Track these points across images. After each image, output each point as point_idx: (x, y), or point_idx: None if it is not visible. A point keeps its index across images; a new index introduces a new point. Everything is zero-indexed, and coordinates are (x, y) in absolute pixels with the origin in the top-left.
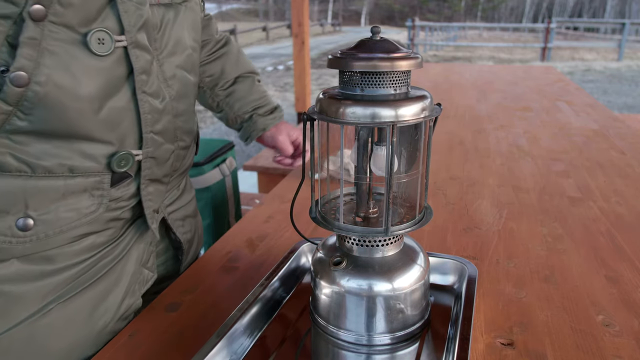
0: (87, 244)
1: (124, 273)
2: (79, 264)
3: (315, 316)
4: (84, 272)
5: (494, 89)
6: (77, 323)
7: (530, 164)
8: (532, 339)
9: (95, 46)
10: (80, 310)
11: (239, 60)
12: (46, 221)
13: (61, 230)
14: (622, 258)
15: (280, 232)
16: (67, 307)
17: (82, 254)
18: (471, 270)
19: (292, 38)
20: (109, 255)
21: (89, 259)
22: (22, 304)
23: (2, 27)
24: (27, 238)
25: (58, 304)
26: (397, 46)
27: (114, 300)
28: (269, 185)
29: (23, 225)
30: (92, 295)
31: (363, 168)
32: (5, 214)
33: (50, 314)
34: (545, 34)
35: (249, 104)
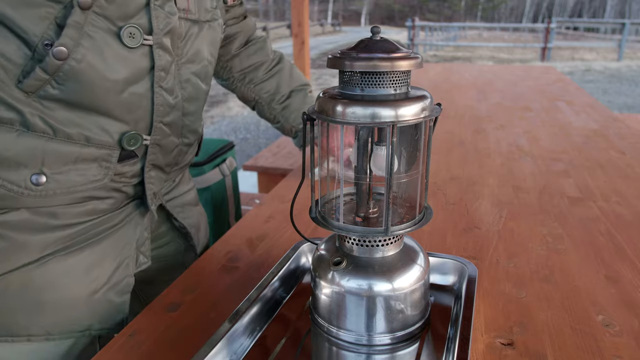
0: (89, 207)
1: (120, 244)
2: (79, 224)
3: (315, 316)
4: (84, 233)
5: (494, 89)
6: (71, 278)
7: (530, 164)
8: (532, 339)
9: (126, 39)
10: (75, 266)
11: (292, 76)
12: (57, 180)
13: (68, 190)
14: (622, 258)
15: (280, 232)
16: (64, 261)
17: (84, 215)
18: (471, 270)
19: (292, 38)
20: (108, 222)
21: (89, 222)
22: (24, 251)
23: (53, 10)
24: (38, 192)
25: (56, 257)
26: (397, 46)
27: (108, 266)
28: (269, 185)
29: (36, 180)
30: (88, 255)
31: (363, 168)
32: (24, 167)
33: (47, 265)
34: (545, 34)
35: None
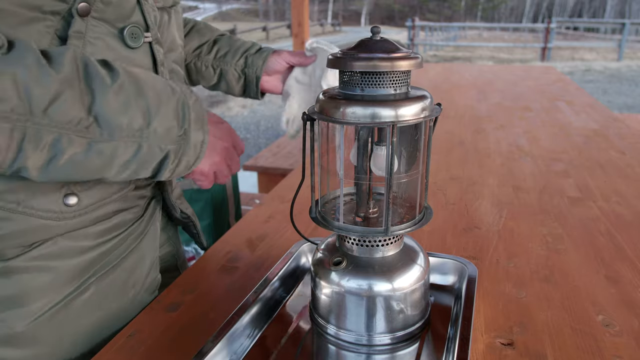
0: (118, 220)
1: (148, 248)
2: (112, 240)
3: (315, 316)
4: (116, 248)
5: (494, 89)
6: (110, 296)
7: (530, 164)
8: (532, 339)
9: (129, 40)
10: (113, 284)
11: (209, 27)
12: (87, 196)
13: (99, 205)
14: (622, 258)
15: (280, 232)
16: (103, 282)
17: (115, 230)
18: (471, 270)
19: (292, 38)
20: (135, 231)
21: (119, 235)
22: (67, 279)
23: (51, 22)
24: (72, 214)
25: (96, 278)
26: (397, 46)
27: (141, 273)
28: (269, 185)
29: (70, 201)
30: (123, 269)
31: (363, 168)
32: (53, 191)
33: (90, 288)
34: (545, 34)
35: (238, 52)
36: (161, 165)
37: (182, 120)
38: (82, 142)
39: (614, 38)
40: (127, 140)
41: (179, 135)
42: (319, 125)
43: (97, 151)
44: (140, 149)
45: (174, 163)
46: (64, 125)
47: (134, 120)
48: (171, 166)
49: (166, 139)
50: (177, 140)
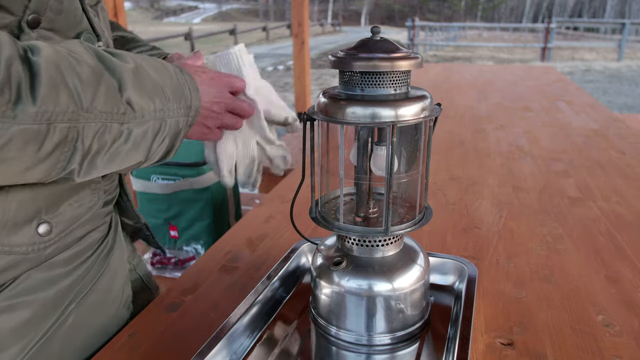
0: (90, 241)
1: (118, 263)
2: (84, 262)
3: (315, 316)
4: (90, 269)
5: (494, 89)
6: (92, 319)
7: (530, 164)
8: (532, 339)
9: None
10: (94, 305)
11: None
12: (60, 222)
13: (72, 229)
14: (622, 258)
15: (280, 232)
16: (83, 305)
17: (87, 251)
18: (471, 270)
19: (292, 38)
20: (105, 249)
21: (92, 255)
22: (46, 312)
23: None
24: (46, 244)
25: (76, 304)
26: (397, 46)
27: (117, 289)
28: (269, 185)
29: (43, 230)
30: (99, 290)
31: (363, 168)
32: (24, 224)
33: (71, 315)
34: (545, 34)
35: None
36: (176, 137)
37: (186, 91)
38: (121, 129)
39: (614, 38)
40: (155, 119)
41: (187, 105)
42: (319, 125)
43: (134, 136)
44: (164, 125)
45: (184, 131)
46: (107, 114)
47: (156, 99)
48: (182, 134)
49: (180, 111)
50: (186, 112)
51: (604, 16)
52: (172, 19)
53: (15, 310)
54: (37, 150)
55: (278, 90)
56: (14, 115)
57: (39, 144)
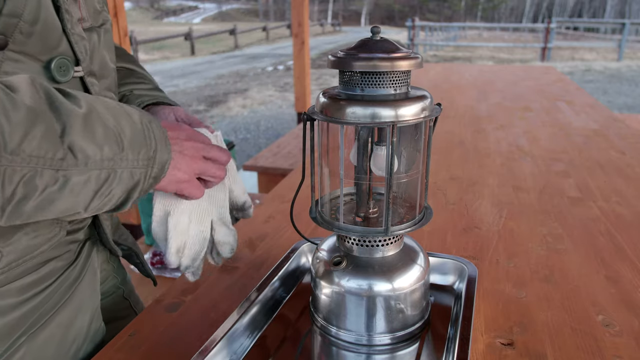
0: (49, 270)
1: (86, 296)
2: (42, 292)
3: (315, 316)
4: (49, 300)
5: (494, 89)
6: (47, 353)
7: (530, 164)
8: (532, 339)
9: (57, 74)
10: (49, 340)
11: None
12: (11, 252)
13: (25, 260)
14: (622, 258)
15: (280, 232)
16: (36, 339)
17: (45, 280)
18: (471, 270)
19: (292, 38)
20: (68, 279)
21: (51, 285)
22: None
23: None
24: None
25: (27, 337)
26: (397, 46)
27: (81, 325)
28: (269, 185)
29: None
30: (58, 324)
31: (363, 168)
32: None
33: (20, 349)
34: (545, 34)
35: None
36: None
37: (150, 142)
38: (57, 175)
39: (614, 38)
40: (101, 168)
41: (150, 157)
42: (319, 125)
43: (72, 185)
44: (114, 175)
45: (144, 184)
46: (39, 159)
47: (106, 147)
48: (142, 188)
49: (137, 162)
50: (147, 163)
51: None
52: (172, 19)
53: None
54: None
55: (278, 90)
56: None
57: None
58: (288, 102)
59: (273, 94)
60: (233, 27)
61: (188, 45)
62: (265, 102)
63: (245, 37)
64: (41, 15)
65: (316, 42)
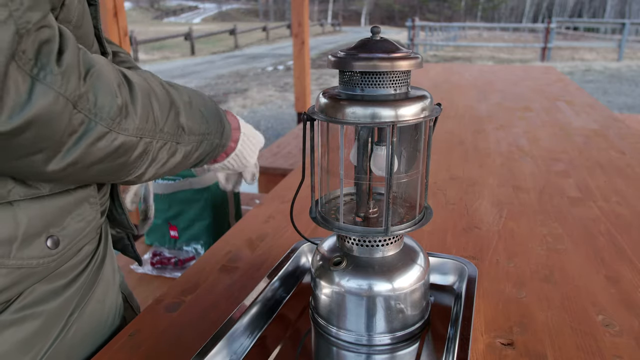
0: (84, 253)
1: (110, 272)
2: (83, 272)
3: (315, 316)
4: (87, 279)
5: (494, 89)
6: (91, 328)
7: (530, 164)
8: (532, 339)
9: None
10: (91, 315)
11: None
12: (66, 236)
13: (76, 242)
14: (622, 258)
15: (280, 232)
16: (83, 315)
17: (83, 262)
18: (471, 270)
19: (292, 38)
20: (98, 260)
21: (87, 267)
22: (51, 324)
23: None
24: (55, 257)
25: (77, 314)
26: (397, 46)
27: (111, 299)
28: (268, 185)
29: (52, 243)
30: (96, 300)
31: (363, 168)
32: (34, 237)
33: (73, 326)
34: (545, 34)
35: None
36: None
37: (222, 120)
38: (176, 146)
39: (614, 38)
40: (197, 141)
41: (221, 131)
42: (319, 125)
43: (183, 152)
44: (201, 145)
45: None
46: (170, 135)
47: (201, 124)
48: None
49: (216, 134)
50: (221, 135)
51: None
52: (172, 19)
53: (24, 322)
54: (127, 159)
55: (278, 90)
56: (125, 128)
57: (129, 154)
58: (288, 102)
59: (273, 94)
60: (233, 27)
61: (188, 45)
62: (265, 102)
63: (245, 37)
64: (84, 19)
65: (316, 42)
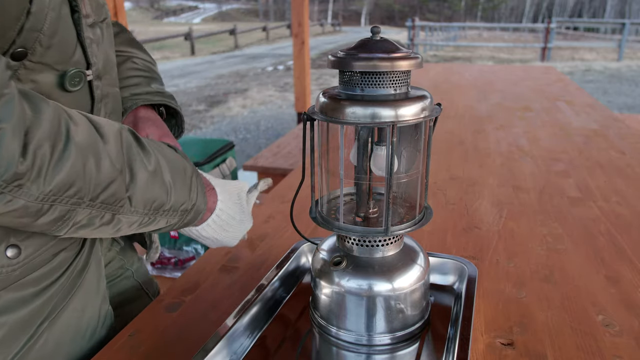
0: (59, 260)
1: (93, 282)
2: (57, 281)
3: (315, 316)
4: (62, 288)
5: (494, 89)
6: (65, 341)
7: (530, 164)
8: (532, 339)
9: (69, 85)
10: (66, 326)
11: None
12: (29, 245)
13: (42, 252)
14: (622, 258)
15: (280, 232)
16: (55, 325)
17: (58, 270)
18: (471, 270)
19: (292, 38)
20: (77, 267)
21: (63, 274)
22: (17, 333)
23: None
24: (19, 264)
25: (47, 324)
26: (397, 46)
27: (93, 309)
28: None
29: (12, 254)
30: (73, 309)
31: (363, 168)
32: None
33: (42, 336)
34: (545, 34)
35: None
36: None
37: (191, 195)
38: (111, 215)
39: (614, 38)
40: (145, 214)
41: (187, 209)
42: (319, 125)
43: (117, 221)
44: (154, 221)
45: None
46: (106, 206)
47: (158, 199)
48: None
49: (178, 212)
50: (186, 213)
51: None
52: (172, 19)
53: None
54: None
55: (278, 90)
56: (27, 193)
57: (35, 217)
58: (288, 102)
59: (273, 94)
60: (233, 27)
61: (188, 45)
62: (265, 102)
63: (245, 37)
64: (60, 27)
65: (316, 42)
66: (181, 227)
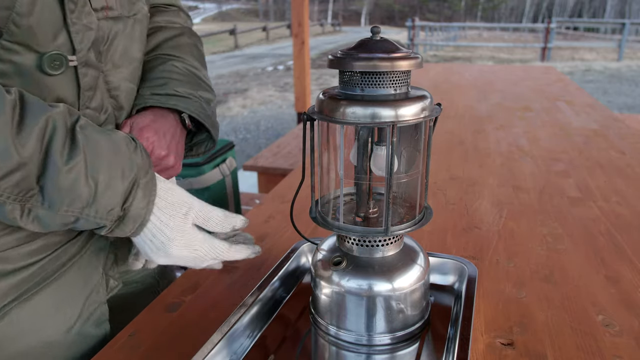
0: (41, 244)
1: (85, 272)
2: (35, 264)
3: (315, 316)
4: (42, 272)
5: (494, 89)
6: (39, 321)
7: (530, 164)
8: (532, 339)
9: (48, 68)
10: (41, 307)
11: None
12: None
13: (12, 229)
14: (622, 258)
15: (280, 232)
16: (27, 306)
17: (37, 254)
18: (471, 270)
19: (292, 38)
20: (66, 254)
21: (44, 259)
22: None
23: None
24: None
25: (18, 303)
26: (397, 46)
27: (78, 298)
28: (268, 185)
29: None
30: (53, 292)
31: (363, 168)
32: None
33: (10, 313)
34: (545, 34)
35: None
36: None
37: (125, 202)
38: (22, 207)
39: (614, 38)
40: (65, 213)
41: (119, 215)
42: (319, 125)
43: (34, 216)
44: (76, 221)
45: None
46: (10, 192)
47: (77, 199)
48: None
49: (105, 217)
50: (116, 219)
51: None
52: None
53: None
54: None
55: (278, 90)
56: None
57: None
58: (288, 102)
59: (273, 94)
60: (233, 27)
61: None
62: (265, 102)
63: (245, 37)
64: (36, 8)
65: (316, 42)
66: (119, 233)
